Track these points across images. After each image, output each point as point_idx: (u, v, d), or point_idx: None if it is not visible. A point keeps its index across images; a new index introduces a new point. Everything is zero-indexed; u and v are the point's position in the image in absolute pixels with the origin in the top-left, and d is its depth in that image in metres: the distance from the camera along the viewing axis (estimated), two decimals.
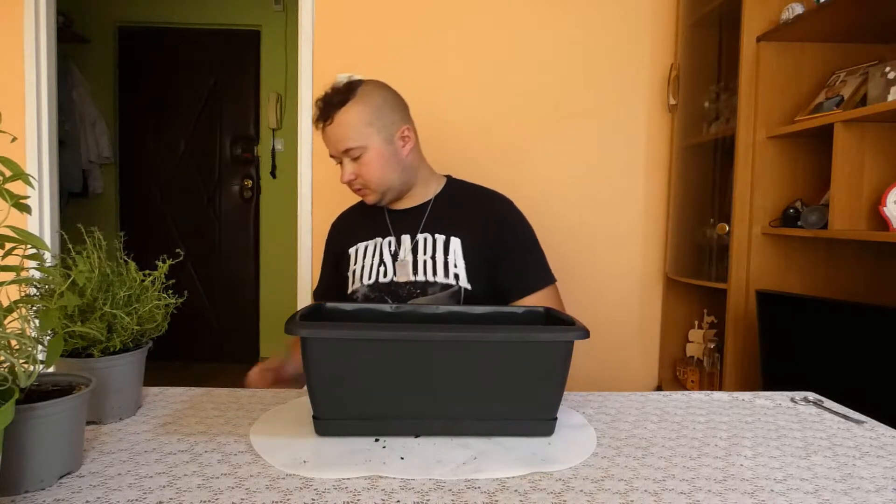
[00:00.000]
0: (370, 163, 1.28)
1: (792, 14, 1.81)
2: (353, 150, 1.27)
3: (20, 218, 2.06)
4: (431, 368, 0.72)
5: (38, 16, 2.32)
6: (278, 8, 3.87)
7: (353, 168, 1.29)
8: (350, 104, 1.27)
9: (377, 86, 1.33)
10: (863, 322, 1.57)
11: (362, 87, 1.29)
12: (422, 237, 1.33)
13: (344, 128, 1.26)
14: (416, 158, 1.37)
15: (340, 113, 1.26)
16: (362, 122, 1.27)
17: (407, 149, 1.33)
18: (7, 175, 0.60)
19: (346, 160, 1.29)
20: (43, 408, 0.58)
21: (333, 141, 1.29)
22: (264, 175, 3.97)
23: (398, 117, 1.33)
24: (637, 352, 2.49)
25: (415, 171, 1.36)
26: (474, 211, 1.36)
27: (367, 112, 1.28)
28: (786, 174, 1.94)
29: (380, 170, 1.29)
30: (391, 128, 1.31)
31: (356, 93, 1.28)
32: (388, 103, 1.32)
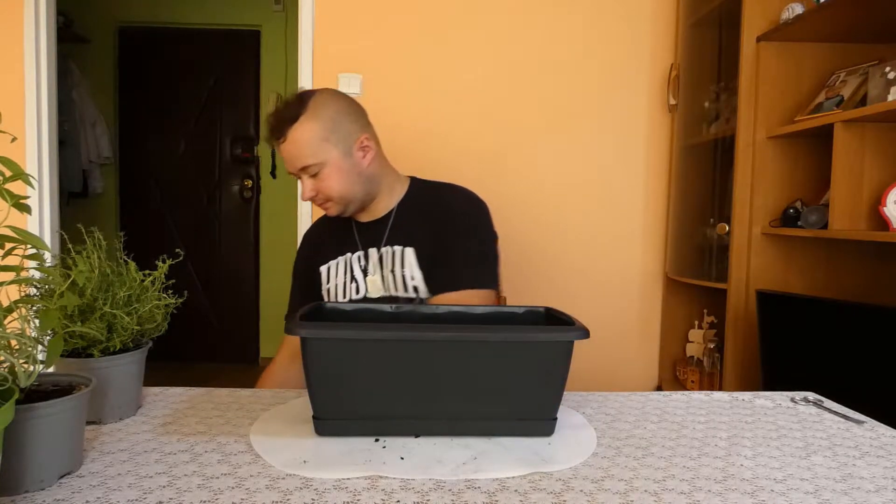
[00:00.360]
0: (329, 178, 1.22)
1: (792, 14, 1.81)
2: (311, 168, 1.21)
3: (20, 218, 2.07)
4: (431, 368, 0.72)
5: (38, 16, 2.32)
6: (278, 8, 3.87)
7: (313, 184, 1.23)
8: (302, 119, 1.19)
9: (330, 96, 1.25)
10: (863, 322, 1.57)
11: (314, 98, 1.22)
12: (385, 250, 1.28)
13: (298, 145, 1.20)
14: (378, 167, 1.30)
15: (293, 130, 1.19)
16: (317, 137, 1.20)
17: (367, 159, 1.26)
18: (7, 175, 0.60)
19: (305, 177, 1.23)
20: (43, 408, 0.58)
21: (289, 159, 1.22)
22: (264, 175, 3.97)
23: (355, 127, 1.25)
24: (637, 352, 2.49)
25: (378, 180, 1.29)
26: (429, 214, 1.29)
27: (321, 126, 1.20)
28: (786, 174, 1.94)
29: (340, 184, 1.23)
30: (348, 139, 1.23)
31: (307, 106, 1.20)
32: (342, 114, 1.24)
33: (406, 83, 2.37)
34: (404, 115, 2.36)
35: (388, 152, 1.35)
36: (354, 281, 1.29)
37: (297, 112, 1.19)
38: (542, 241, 2.43)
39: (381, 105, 2.35)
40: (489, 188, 2.43)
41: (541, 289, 2.42)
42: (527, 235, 2.42)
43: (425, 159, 2.34)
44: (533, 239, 2.43)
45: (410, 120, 2.36)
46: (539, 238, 2.43)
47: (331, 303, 0.91)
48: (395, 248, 1.27)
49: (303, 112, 1.19)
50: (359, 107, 1.29)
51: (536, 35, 2.39)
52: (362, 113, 1.29)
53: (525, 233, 2.42)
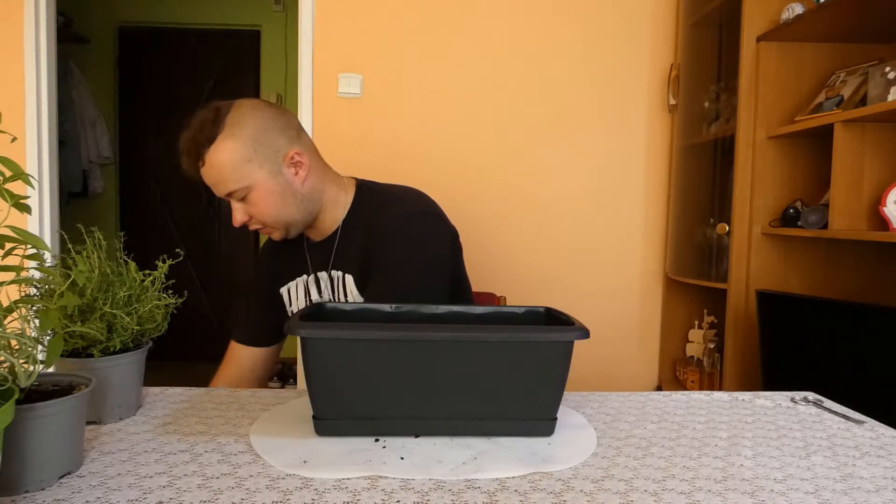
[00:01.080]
0: (260, 202, 1.09)
1: (792, 14, 1.81)
2: (237, 192, 1.08)
3: (20, 218, 2.07)
4: (431, 368, 0.72)
5: (38, 16, 2.32)
6: (278, 8, 3.87)
7: (243, 209, 1.10)
8: (220, 140, 1.05)
9: (250, 109, 1.10)
10: (863, 322, 1.57)
11: (231, 114, 1.07)
12: (334, 274, 1.19)
13: (218, 169, 1.06)
14: (317, 181, 1.15)
15: (210, 153, 1.05)
16: (238, 159, 1.05)
17: (301, 175, 1.12)
18: (7, 175, 0.60)
19: (234, 202, 1.10)
20: (43, 408, 0.58)
21: (212, 185, 1.08)
22: None
23: (282, 142, 1.10)
24: (637, 352, 2.49)
25: (317, 196, 1.16)
26: (366, 234, 1.16)
27: (242, 146, 1.06)
28: (786, 174, 1.94)
29: (273, 207, 1.10)
30: (276, 157, 1.09)
31: (224, 123, 1.06)
32: (265, 129, 1.09)
33: (406, 83, 2.37)
34: (404, 116, 2.36)
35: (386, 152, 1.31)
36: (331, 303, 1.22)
37: (212, 132, 1.06)
38: (541, 240, 2.43)
39: (380, 105, 2.36)
40: (489, 188, 2.44)
41: (541, 289, 2.42)
42: (526, 235, 2.42)
43: (424, 160, 2.34)
44: (533, 239, 2.43)
45: (410, 120, 2.36)
46: (539, 238, 2.43)
47: (331, 303, 0.91)
48: (336, 273, 1.18)
49: (219, 131, 1.06)
50: (285, 117, 1.14)
51: (536, 35, 2.39)
52: (290, 123, 1.14)
53: (525, 232, 2.42)
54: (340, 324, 0.83)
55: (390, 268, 1.12)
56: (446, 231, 1.20)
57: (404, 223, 1.14)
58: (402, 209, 1.17)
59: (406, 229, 1.14)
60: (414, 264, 1.13)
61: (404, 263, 1.12)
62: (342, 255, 1.18)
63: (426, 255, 1.15)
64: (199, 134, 1.06)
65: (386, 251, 1.12)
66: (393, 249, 1.12)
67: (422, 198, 1.22)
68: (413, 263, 1.12)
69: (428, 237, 1.16)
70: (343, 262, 1.17)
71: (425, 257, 1.14)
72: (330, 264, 1.19)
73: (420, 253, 1.14)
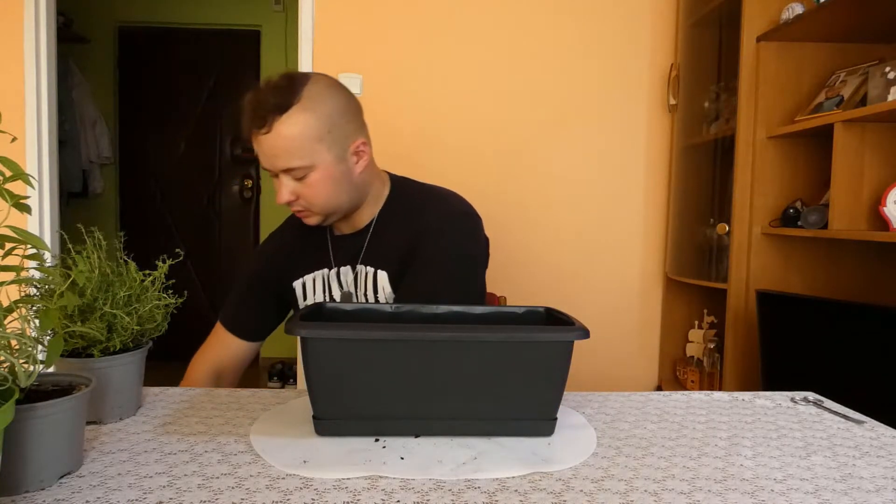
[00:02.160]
0: (316, 184, 1.04)
1: (792, 14, 1.81)
2: (297, 171, 1.03)
3: (20, 218, 2.07)
4: (431, 368, 0.72)
5: (38, 16, 2.32)
6: (278, 8, 3.87)
7: (294, 188, 1.05)
8: (294, 111, 0.99)
9: (329, 86, 1.06)
10: (863, 322, 1.57)
11: (308, 87, 1.02)
12: (360, 269, 1.14)
13: (285, 142, 1.00)
14: (368, 174, 1.13)
15: (281, 122, 0.99)
16: (310, 136, 1.01)
17: (360, 166, 1.09)
18: (7, 175, 0.60)
19: (285, 177, 1.04)
20: (43, 408, 0.58)
21: (270, 157, 1.02)
22: (264, 175, 3.97)
23: (352, 128, 1.07)
24: (637, 352, 2.49)
25: (365, 189, 1.13)
26: (405, 231, 1.13)
27: (317, 124, 1.01)
28: (786, 174, 1.94)
29: (327, 192, 1.06)
30: (344, 142, 1.06)
31: (301, 96, 1.00)
32: (341, 111, 1.05)
33: (406, 83, 2.37)
34: (404, 116, 2.36)
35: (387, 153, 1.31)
36: (333, 301, 1.17)
37: (287, 100, 0.99)
38: (541, 240, 2.43)
39: (381, 105, 2.35)
40: (489, 188, 2.44)
41: (541, 289, 2.42)
42: (526, 235, 2.42)
43: (424, 160, 2.34)
44: (533, 239, 2.43)
45: (410, 120, 2.36)
46: (539, 238, 2.43)
47: (331, 303, 0.91)
48: (369, 269, 1.13)
49: (295, 101, 1.00)
50: (357, 103, 1.11)
51: (536, 35, 2.39)
52: (360, 110, 1.12)
53: (525, 233, 2.42)
54: (340, 324, 0.83)
55: (431, 264, 1.09)
56: (484, 236, 1.19)
57: (447, 222, 1.13)
58: (448, 208, 1.16)
59: (448, 228, 1.12)
60: (454, 263, 1.11)
61: (445, 261, 1.10)
62: (374, 251, 1.14)
63: (467, 255, 1.14)
64: (272, 98, 1.00)
65: (426, 248, 1.10)
66: (433, 246, 1.10)
67: (464, 200, 1.20)
68: (453, 262, 1.11)
69: (470, 238, 1.15)
70: (375, 258, 1.13)
71: (466, 257, 1.14)
72: (359, 259, 1.15)
73: (462, 253, 1.13)
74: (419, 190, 1.21)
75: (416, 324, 0.89)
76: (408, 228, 1.13)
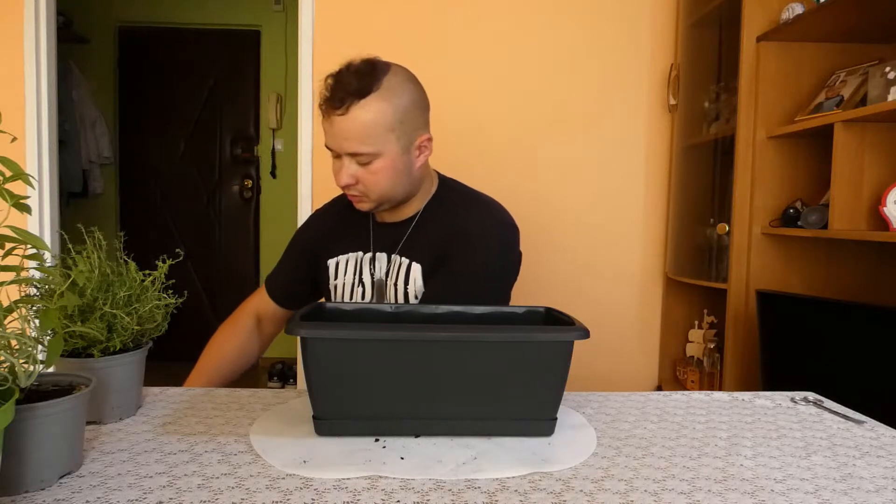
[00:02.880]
0: (378, 172, 1.06)
1: (792, 14, 1.81)
2: (363, 155, 1.05)
3: (20, 218, 2.06)
4: (431, 368, 0.72)
5: (38, 16, 2.32)
6: (278, 8, 3.87)
7: (356, 171, 1.07)
8: (372, 98, 1.02)
9: (407, 79, 1.09)
10: (863, 322, 1.57)
11: (389, 77, 1.05)
12: (395, 259, 1.16)
13: (359, 127, 1.02)
14: (425, 169, 1.16)
15: (359, 106, 1.01)
16: (383, 125, 1.03)
17: (422, 160, 1.12)
18: (7, 175, 0.60)
19: (349, 160, 1.06)
20: (43, 408, 0.58)
21: (341, 138, 1.04)
22: (264, 175, 3.97)
23: (422, 122, 1.11)
24: (637, 352, 2.49)
25: (419, 183, 1.16)
26: (447, 227, 1.15)
27: (392, 113, 1.04)
28: (786, 174, 1.94)
29: (387, 181, 1.08)
30: (412, 135, 1.08)
31: (381, 84, 1.03)
32: (415, 105, 1.08)
33: None
34: None
35: None
36: (362, 285, 1.18)
37: (368, 86, 1.02)
38: (541, 240, 2.43)
39: None
40: (488, 188, 2.43)
41: (541, 289, 2.42)
42: (526, 235, 2.41)
43: None
44: (532, 239, 2.43)
45: None
46: (539, 238, 2.43)
47: (331, 303, 0.91)
48: (404, 259, 1.15)
49: (374, 88, 1.02)
50: (428, 99, 1.14)
51: (536, 35, 2.39)
52: (429, 107, 1.14)
53: (524, 233, 2.41)
54: (340, 324, 0.83)
55: (464, 268, 1.11)
56: (518, 250, 1.21)
57: (488, 228, 1.15)
58: (489, 215, 1.17)
59: (489, 235, 1.14)
60: (488, 270, 1.13)
61: (479, 268, 1.11)
62: (413, 243, 1.16)
63: (501, 264, 1.15)
64: (353, 82, 1.03)
65: (463, 250, 1.11)
66: (471, 250, 1.11)
67: (504, 210, 1.21)
68: (487, 269, 1.12)
69: (507, 248, 1.17)
70: (413, 250, 1.15)
71: (499, 267, 1.15)
72: (397, 248, 1.17)
73: (496, 261, 1.14)
74: (464, 192, 1.23)
75: (416, 324, 0.89)
76: (448, 227, 1.15)
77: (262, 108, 3.94)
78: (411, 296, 1.13)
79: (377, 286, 1.18)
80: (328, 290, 1.25)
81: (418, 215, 1.18)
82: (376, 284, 1.18)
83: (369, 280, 1.18)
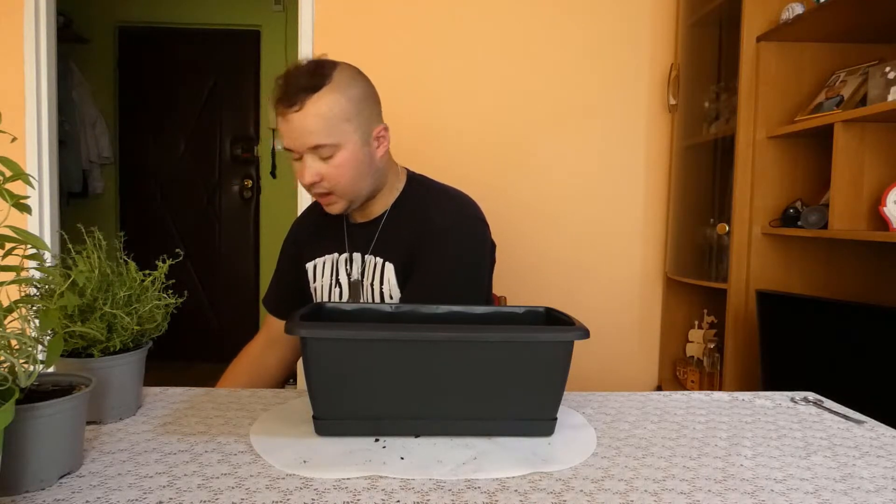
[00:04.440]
0: (342, 165, 1.08)
1: (792, 14, 1.81)
2: (324, 149, 1.06)
3: (20, 218, 2.07)
4: (431, 368, 0.72)
5: (38, 16, 2.32)
6: (278, 8, 3.87)
7: (319, 168, 1.08)
8: (325, 92, 1.05)
9: (355, 74, 1.11)
10: (863, 322, 1.57)
11: (338, 72, 1.07)
12: (368, 259, 1.18)
13: (316, 120, 1.04)
14: (386, 162, 1.18)
15: (312, 101, 1.04)
16: (339, 116, 1.06)
17: (381, 151, 1.14)
18: (7, 175, 0.60)
19: (311, 158, 1.07)
20: (43, 408, 0.58)
21: (299, 133, 1.06)
22: (264, 175, 3.97)
23: (375, 113, 1.14)
24: (637, 352, 2.49)
25: (384, 176, 1.17)
26: (412, 226, 1.16)
27: (347, 105, 1.06)
28: (786, 174, 1.94)
29: (352, 174, 1.09)
30: (368, 126, 1.11)
31: (331, 78, 1.06)
32: (367, 97, 1.11)
33: (406, 83, 2.37)
34: (403, 116, 2.36)
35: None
36: (339, 285, 1.20)
37: (319, 81, 1.05)
38: (541, 240, 2.43)
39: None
40: (488, 188, 2.43)
41: (541, 289, 2.42)
42: (526, 235, 2.42)
43: (423, 160, 2.33)
44: (533, 239, 2.43)
45: (409, 121, 2.36)
46: (539, 238, 2.43)
47: (331, 303, 0.91)
48: (377, 259, 1.16)
49: (326, 83, 1.05)
50: (376, 91, 1.17)
51: (536, 35, 2.39)
52: (379, 100, 1.17)
53: (524, 233, 2.42)
54: (340, 324, 0.83)
55: (439, 266, 1.12)
56: (490, 241, 1.22)
57: (457, 223, 1.15)
58: (457, 209, 1.18)
59: (458, 229, 1.15)
60: (462, 263, 1.14)
61: (452, 262, 1.12)
62: (385, 242, 1.17)
63: (472, 261, 1.16)
64: (302, 79, 1.05)
65: (435, 247, 1.12)
66: (442, 246, 1.12)
67: (473, 203, 1.22)
68: (461, 262, 1.14)
69: (478, 242, 1.18)
70: (385, 249, 1.16)
71: (472, 260, 1.16)
72: (370, 248, 1.18)
73: (469, 255, 1.15)
74: (432, 188, 1.24)
75: (415, 324, 0.89)
76: (416, 223, 1.16)
77: (262, 108, 3.94)
78: (386, 296, 1.14)
79: (353, 287, 1.19)
80: (310, 293, 1.26)
81: (386, 213, 1.19)
82: (352, 286, 1.19)
83: (346, 281, 1.19)
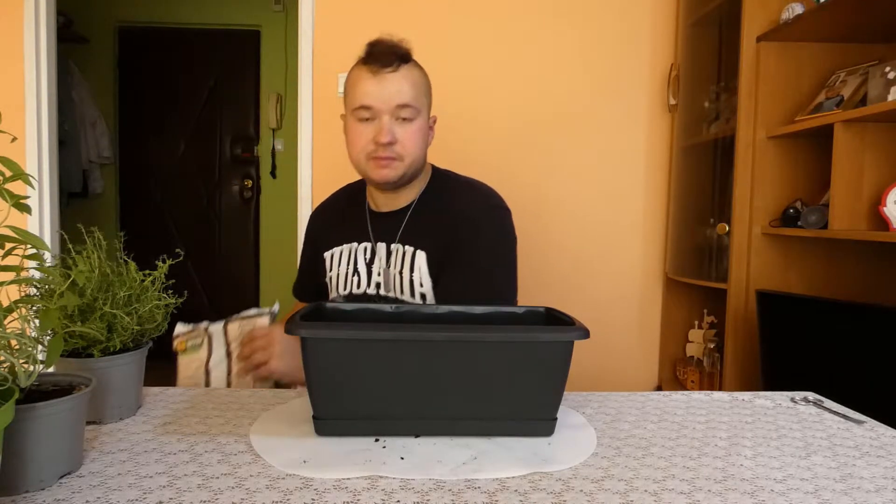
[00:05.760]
0: (417, 132, 1.13)
1: (792, 14, 1.81)
2: (408, 110, 1.11)
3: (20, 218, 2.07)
4: (431, 368, 0.72)
5: (38, 16, 2.32)
6: (278, 8, 3.87)
7: (399, 129, 1.12)
8: (413, 65, 1.15)
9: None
10: (863, 322, 1.57)
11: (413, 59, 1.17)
12: (396, 248, 1.18)
13: (412, 81, 1.12)
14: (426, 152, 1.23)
15: (407, 67, 1.13)
16: (422, 89, 1.15)
17: (431, 137, 1.22)
18: (7, 175, 0.60)
19: (390, 120, 1.11)
20: (43, 408, 0.58)
21: (393, 91, 1.10)
22: (264, 175, 3.97)
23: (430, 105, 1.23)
24: (637, 352, 2.49)
25: (422, 163, 1.20)
26: (443, 216, 1.18)
27: (426, 83, 1.17)
28: (786, 174, 1.94)
29: (420, 145, 1.15)
30: (430, 111, 1.20)
31: (412, 58, 1.16)
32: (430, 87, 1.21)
33: None
34: None
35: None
36: (357, 274, 1.20)
37: (408, 55, 1.14)
38: (541, 240, 2.43)
39: None
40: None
41: (541, 289, 2.42)
42: (526, 235, 2.41)
43: None
44: (533, 239, 2.43)
45: None
46: (539, 238, 2.43)
47: (331, 303, 0.91)
48: (407, 248, 1.17)
49: (412, 59, 1.15)
50: None
51: (536, 35, 2.39)
52: None
53: (524, 233, 2.40)
54: (340, 324, 0.83)
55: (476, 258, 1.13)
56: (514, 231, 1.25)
57: (488, 212, 1.19)
58: (487, 200, 1.21)
59: (490, 218, 1.18)
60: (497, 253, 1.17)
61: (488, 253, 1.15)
62: (413, 231, 1.18)
63: (509, 244, 1.20)
64: (397, 48, 1.12)
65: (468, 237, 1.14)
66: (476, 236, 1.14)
67: (498, 194, 1.25)
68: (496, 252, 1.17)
69: (510, 230, 1.21)
70: (414, 238, 1.17)
71: (506, 249, 1.19)
72: (397, 236, 1.19)
73: (505, 241, 1.19)
74: (459, 179, 1.27)
75: (416, 324, 0.89)
76: (445, 213, 1.18)
77: (262, 108, 3.94)
78: (416, 283, 1.14)
79: (382, 276, 1.19)
80: (324, 282, 1.26)
81: (414, 203, 1.20)
82: (382, 274, 1.19)
83: (364, 269, 1.20)
